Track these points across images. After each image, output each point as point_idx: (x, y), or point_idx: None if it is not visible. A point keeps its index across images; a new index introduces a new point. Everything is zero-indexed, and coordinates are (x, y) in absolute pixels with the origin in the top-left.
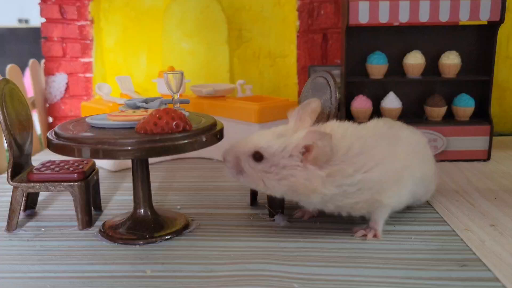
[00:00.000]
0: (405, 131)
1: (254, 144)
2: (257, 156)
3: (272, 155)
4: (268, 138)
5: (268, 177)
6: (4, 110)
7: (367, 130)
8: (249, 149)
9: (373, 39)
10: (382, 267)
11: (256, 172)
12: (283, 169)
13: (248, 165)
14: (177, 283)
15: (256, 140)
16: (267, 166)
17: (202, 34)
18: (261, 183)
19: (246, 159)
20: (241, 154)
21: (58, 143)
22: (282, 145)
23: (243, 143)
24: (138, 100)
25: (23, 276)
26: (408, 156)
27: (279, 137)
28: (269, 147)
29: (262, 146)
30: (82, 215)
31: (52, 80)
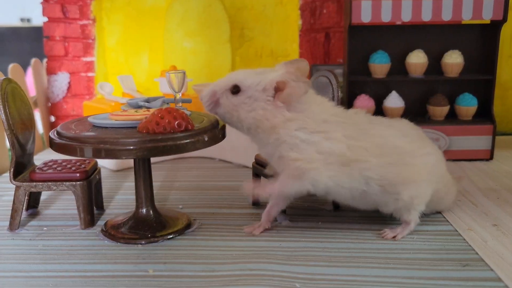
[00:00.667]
0: (384, 131)
1: (233, 79)
2: (235, 90)
3: (248, 88)
4: (247, 74)
5: (242, 108)
6: (6, 109)
7: (346, 114)
8: (227, 83)
9: (376, 38)
10: (384, 267)
11: (232, 103)
12: (255, 101)
13: (225, 98)
14: (179, 283)
15: (235, 75)
16: (242, 98)
17: (204, 33)
18: (234, 113)
19: (224, 93)
20: (220, 88)
21: (60, 143)
22: (258, 79)
23: (222, 79)
24: (140, 99)
25: (25, 275)
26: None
27: (257, 74)
28: (245, 80)
29: (239, 79)
30: (84, 214)
31: (54, 79)
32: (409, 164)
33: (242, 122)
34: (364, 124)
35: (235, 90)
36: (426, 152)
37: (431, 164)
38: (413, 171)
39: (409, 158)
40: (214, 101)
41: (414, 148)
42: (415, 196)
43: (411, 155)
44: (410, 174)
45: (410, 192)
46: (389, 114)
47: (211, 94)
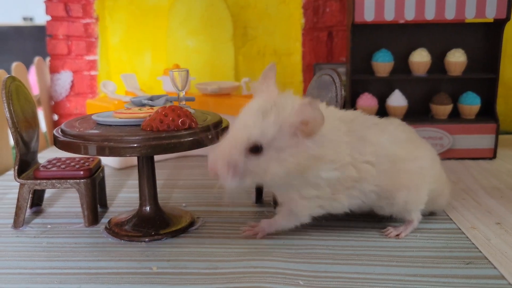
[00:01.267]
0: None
1: (247, 137)
2: (256, 149)
3: (271, 141)
4: (256, 122)
5: (272, 166)
6: (10, 107)
7: (348, 125)
8: (242, 144)
9: (379, 36)
10: (387, 265)
11: (260, 165)
12: (282, 151)
13: (248, 163)
14: (183, 280)
15: (244, 129)
16: (267, 155)
17: (207, 32)
18: (263, 175)
19: (243, 158)
20: (236, 155)
21: (64, 140)
22: (275, 125)
23: (229, 140)
24: (143, 97)
25: (31, 272)
26: (369, 165)
27: (264, 116)
28: (264, 133)
29: (255, 134)
30: (88, 212)
31: (57, 78)
32: (402, 170)
33: (274, 179)
34: (362, 130)
35: (255, 149)
36: (419, 156)
37: (424, 168)
38: (405, 177)
39: (401, 163)
40: (232, 172)
41: (406, 153)
42: (409, 201)
43: (403, 160)
44: (402, 180)
45: (404, 197)
46: (392, 113)
47: (226, 166)
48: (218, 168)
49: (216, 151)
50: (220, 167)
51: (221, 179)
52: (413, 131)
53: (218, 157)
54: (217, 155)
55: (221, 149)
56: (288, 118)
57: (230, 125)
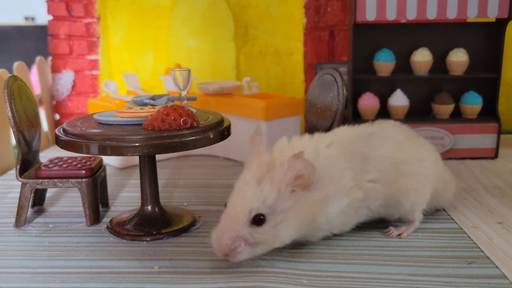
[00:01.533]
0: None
1: (248, 210)
2: (260, 220)
3: (273, 206)
4: (254, 194)
5: (279, 230)
6: (12, 106)
7: (343, 149)
8: (243, 218)
9: (380, 36)
10: (389, 264)
11: (267, 234)
12: (288, 212)
13: (254, 236)
14: (185, 279)
15: (244, 205)
16: (273, 220)
17: (209, 31)
18: (277, 240)
19: (247, 232)
20: (239, 231)
21: (66, 140)
22: (274, 189)
23: (232, 219)
24: (145, 97)
25: (32, 271)
26: (373, 184)
27: (258, 183)
28: (264, 201)
29: (255, 204)
30: (89, 211)
31: (59, 78)
32: (406, 173)
33: (285, 239)
34: (359, 148)
35: (259, 221)
36: (422, 157)
37: (428, 168)
38: (411, 181)
39: (405, 167)
40: (236, 251)
41: (409, 156)
42: (416, 202)
43: (407, 163)
44: (408, 184)
45: (411, 199)
46: (393, 113)
47: (233, 241)
48: (224, 246)
49: (219, 229)
50: (226, 246)
51: (231, 256)
52: (410, 130)
53: (223, 234)
54: (221, 233)
55: (224, 226)
56: (283, 179)
57: (229, 198)
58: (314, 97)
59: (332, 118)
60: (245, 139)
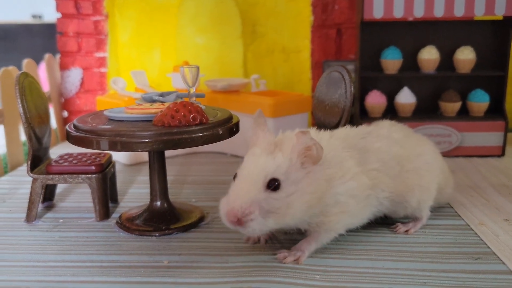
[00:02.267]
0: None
1: (264, 174)
2: (275, 184)
3: (287, 173)
4: (268, 161)
5: (293, 200)
6: (24, 103)
7: (344, 141)
8: (257, 182)
9: (388, 34)
10: (396, 260)
11: (282, 202)
12: (299, 183)
13: (266, 202)
14: (194, 274)
15: (259, 169)
16: (287, 189)
17: (216, 29)
18: (289, 211)
19: (262, 198)
20: (255, 194)
21: (77, 135)
22: (286, 158)
23: (242, 185)
24: (154, 93)
25: (44, 265)
26: (378, 172)
27: (270, 154)
28: (278, 166)
29: (270, 169)
30: (99, 207)
31: (67, 75)
32: (410, 170)
33: (296, 215)
34: (358, 142)
35: (275, 185)
36: (421, 151)
37: (429, 163)
38: (415, 176)
39: (407, 163)
40: (250, 216)
41: (408, 152)
42: (423, 199)
43: (408, 159)
44: (413, 180)
45: (417, 197)
46: (400, 110)
47: (248, 206)
48: (238, 211)
49: (231, 195)
50: (241, 210)
51: (244, 224)
52: (406, 128)
53: (236, 199)
54: (233, 197)
55: (237, 192)
56: (293, 149)
57: (238, 170)
58: (322, 94)
59: (340, 115)
60: None
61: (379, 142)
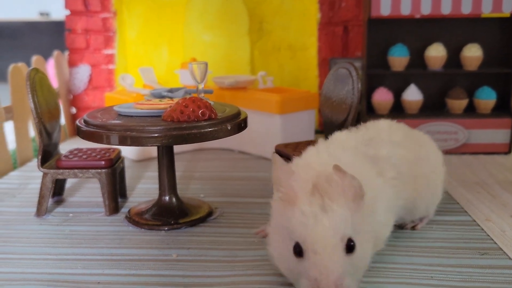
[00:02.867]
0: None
1: (339, 239)
2: (351, 245)
3: (353, 226)
4: (330, 220)
5: (366, 252)
6: (35, 98)
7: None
8: (338, 250)
9: (395, 31)
10: (404, 255)
11: (359, 259)
12: (362, 229)
13: (352, 266)
14: (203, 267)
15: (330, 236)
16: (358, 243)
17: (223, 26)
18: (365, 264)
19: (347, 265)
20: (342, 267)
21: (87, 130)
22: (345, 209)
23: (323, 259)
24: (163, 89)
25: (55, 258)
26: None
27: (328, 210)
28: (346, 223)
29: (344, 231)
30: (109, 201)
31: (75, 72)
32: (419, 175)
33: (369, 260)
34: (369, 150)
35: (352, 246)
36: (426, 153)
37: (434, 164)
38: (424, 181)
39: (415, 168)
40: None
41: (415, 155)
42: (431, 202)
43: (416, 164)
44: (422, 185)
45: (425, 201)
46: (407, 107)
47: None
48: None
49: (317, 273)
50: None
51: None
52: (404, 126)
53: (326, 277)
54: (322, 276)
55: (321, 265)
56: (346, 195)
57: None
58: (329, 91)
59: (347, 112)
60: (260, 132)
61: (384, 148)
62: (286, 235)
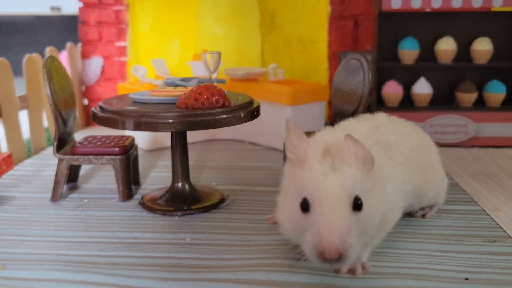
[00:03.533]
0: None
1: (346, 195)
2: (358, 203)
3: (362, 187)
4: (339, 178)
5: (374, 215)
6: (51, 86)
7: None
8: (345, 207)
9: (405, 24)
10: (413, 241)
11: (367, 220)
12: (371, 194)
13: (358, 224)
14: (217, 251)
15: (337, 192)
16: (366, 204)
17: (235, 19)
18: (372, 227)
19: (354, 222)
20: (348, 224)
21: (103, 116)
22: (356, 171)
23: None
24: (177, 79)
25: (70, 240)
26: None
27: (337, 169)
28: (355, 182)
29: (352, 188)
30: (123, 187)
31: (88, 63)
32: (424, 163)
33: (375, 228)
34: (380, 137)
35: (359, 204)
36: (428, 143)
37: (435, 153)
38: (429, 168)
39: (421, 155)
40: (350, 249)
41: (419, 144)
42: (439, 189)
43: (421, 152)
44: (428, 172)
45: (433, 188)
46: (417, 100)
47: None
48: (338, 246)
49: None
50: (341, 244)
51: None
52: (403, 120)
53: (331, 232)
54: (327, 231)
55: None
56: (356, 159)
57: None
58: (340, 81)
59: (358, 102)
60: (270, 124)
61: (392, 135)
62: (295, 193)
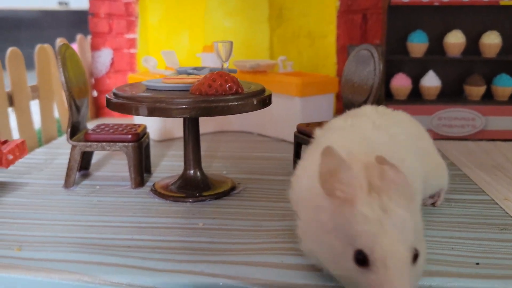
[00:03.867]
0: None
1: (407, 249)
2: (416, 255)
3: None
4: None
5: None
6: (66, 73)
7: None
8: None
9: (414, 17)
10: (424, 228)
11: (419, 268)
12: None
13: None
14: (229, 235)
15: (399, 244)
16: (421, 248)
17: (244, 12)
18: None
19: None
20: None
21: (117, 102)
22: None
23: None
24: (189, 68)
25: (84, 224)
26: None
27: (389, 211)
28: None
29: (412, 238)
30: (135, 174)
31: (98, 55)
32: (424, 150)
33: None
34: (388, 128)
35: (416, 256)
36: (422, 131)
37: (430, 141)
38: (428, 155)
39: (420, 143)
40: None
41: (416, 131)
42: (441, 175)
43: (420, 139)
44: (428, 159)
45: (436, 174)
46: (425, 93)
47: None
48: None
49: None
50: None
51: None
52: (384, 108)
53: None
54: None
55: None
56: (403, 194)
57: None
58: (350, 72)
59: (368, 93)
60: (279, 115)
61: (392, 127)
62: (341, 233)
